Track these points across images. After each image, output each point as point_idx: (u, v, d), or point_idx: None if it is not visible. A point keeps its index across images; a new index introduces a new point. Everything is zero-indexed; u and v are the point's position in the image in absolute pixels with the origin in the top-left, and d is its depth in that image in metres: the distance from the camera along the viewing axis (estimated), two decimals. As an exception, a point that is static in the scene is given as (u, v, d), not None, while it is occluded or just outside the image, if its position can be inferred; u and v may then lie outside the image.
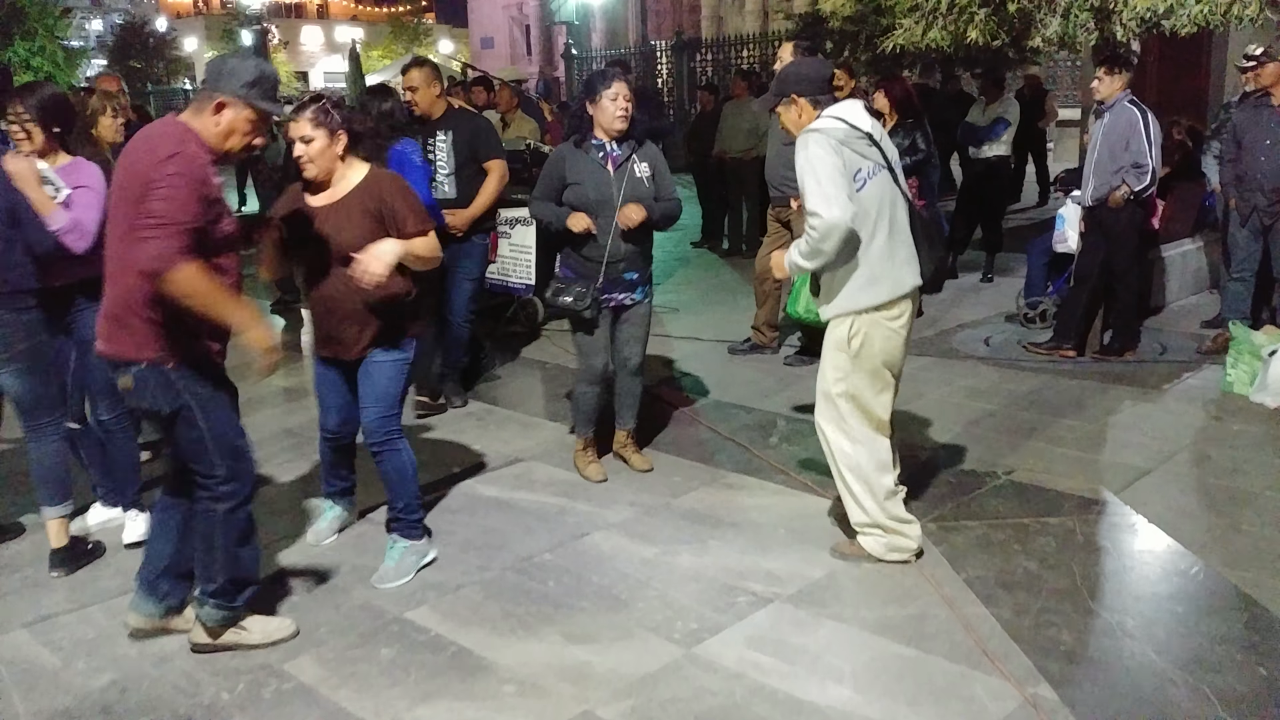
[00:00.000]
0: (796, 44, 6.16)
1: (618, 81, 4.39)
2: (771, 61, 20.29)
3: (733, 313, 8.00)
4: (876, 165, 3.60)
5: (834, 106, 3.65)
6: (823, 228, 3.43)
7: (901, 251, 3.66)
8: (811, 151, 3.49)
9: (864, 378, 3.69)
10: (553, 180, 4.52)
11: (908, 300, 3.69)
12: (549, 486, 4.71)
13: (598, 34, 32.47)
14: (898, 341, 3.71)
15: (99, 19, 56.54)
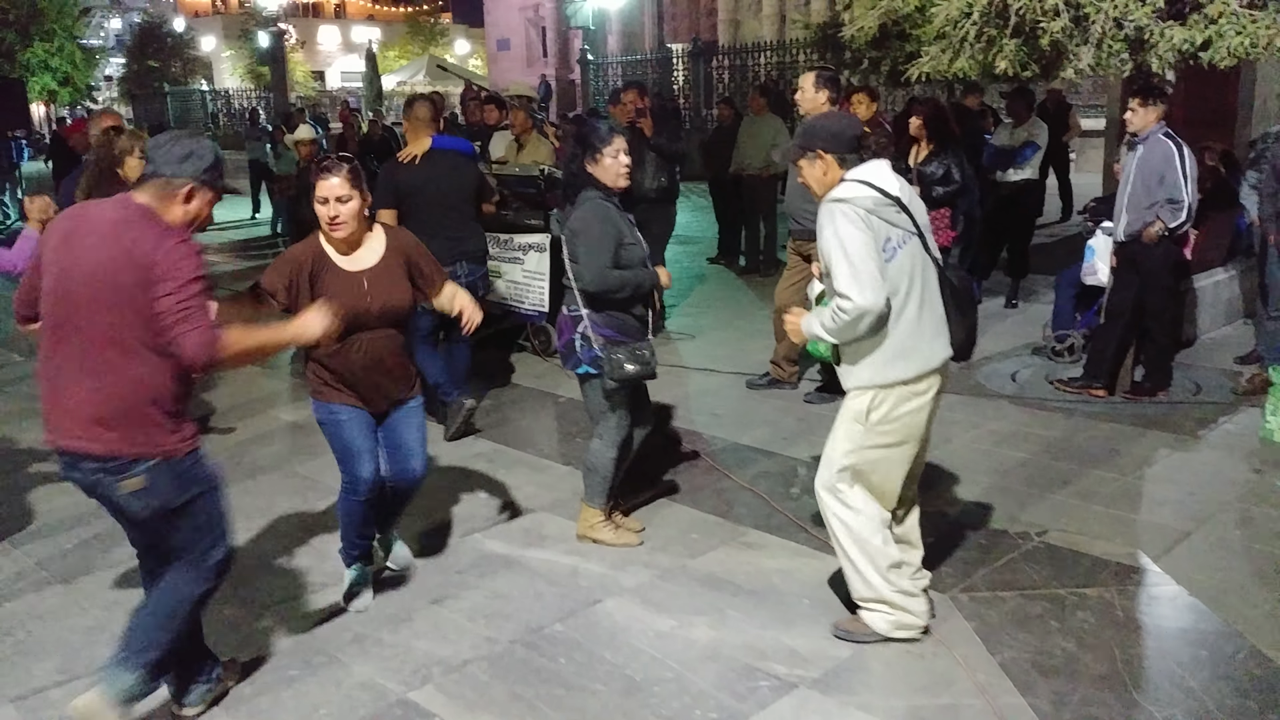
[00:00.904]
0: (819, 74, 5.97)
1: (617, 138, 4.20)
2: (789, 69, 20.16)
3: (750, 339, 7.82)
4: (906, 233, 3.40)
5: (861, 168, 3.45)
6: (854, 312, 3.25)
7: (931, 322, 3.46)
8: (841, 226, 3.30)
9: (879, 452, 3.49)
10: (613, 243, 4.16)
11: (937, 374, 3.50)
12: (560, 543, 4.53)
13: (614, 37, 32.32)
14: (923, 418, 3.51)
15: (118, 18, 56.64)
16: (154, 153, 2.95)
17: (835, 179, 3.48)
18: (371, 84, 44.44)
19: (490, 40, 42.14)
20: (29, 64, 31.90)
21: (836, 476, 3.54)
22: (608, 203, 4.22)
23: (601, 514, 4.48)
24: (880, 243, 3.31)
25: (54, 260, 2.92)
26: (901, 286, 3.36)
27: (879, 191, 3.36)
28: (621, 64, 25.26)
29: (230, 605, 4.07)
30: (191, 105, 35.52)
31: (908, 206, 3.43)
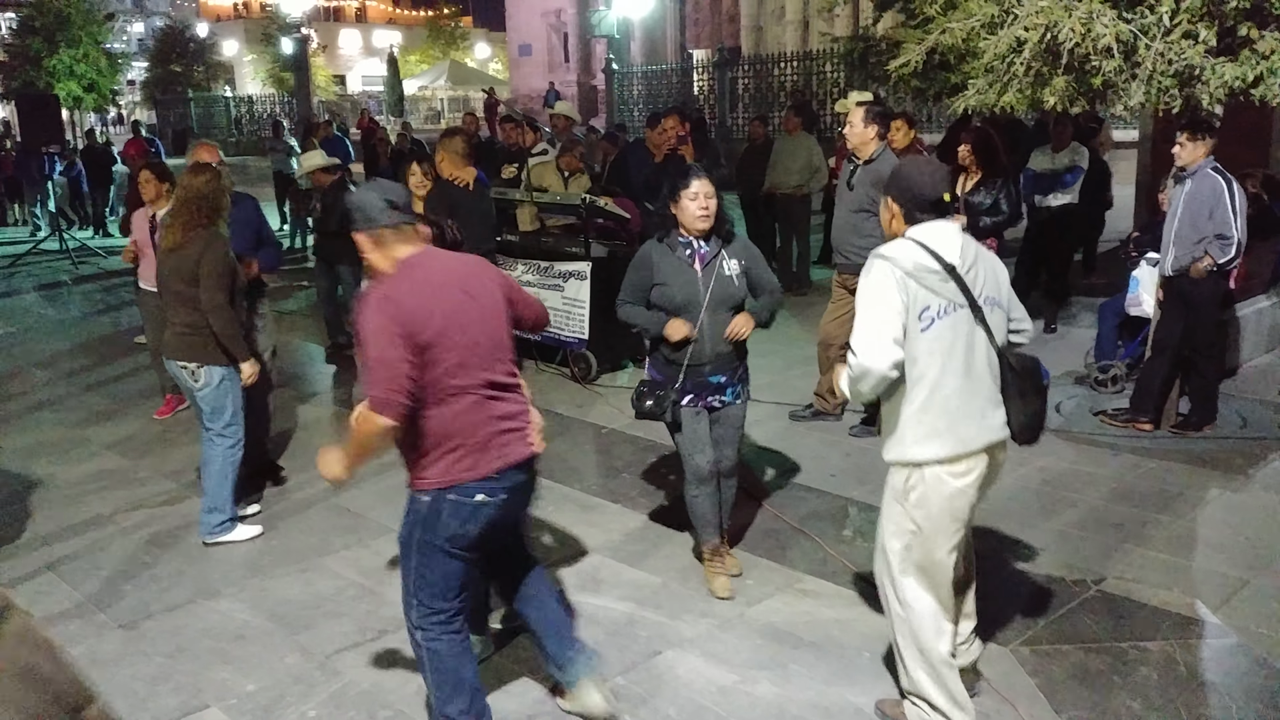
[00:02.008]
0: (868, 109, 5.97)
1: (697, 180, 4.20)
2: (815, 81, 20.13)
3: (789, 366, 7.81)
4: (952, 303, 3.19)
5: (923, 227, 3.28)
6: (858, 369, 3.16)
7: (976, 402, 3.23)
8: (873, 281, 3.18)
9: (922, 535, 3.30)
10: (641, 281, 4.30)
11: (980, 457, 3.28)
12: (616, 588, 4.54)
13: (636, 44, 32.33)
14: (964, 502, 3.28)
15: (140, 22, 57.05)
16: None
17: (898, 232, 3.38)
18: (393, 88, 44.77)
19: (512, 45, 42.24)
20: (55, 70, 32.14)
21: (888, 564, 3.39)
22: (659, 245, 4.32)
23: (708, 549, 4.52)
24: (916, 309, 3.14)
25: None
26: (937, 360, 3.18)
27: (932, 255, 3.19)
28: (645, 73, 25.27)
29: (292, 653, 4.11)
30: (215, 111, 35.75)
31: (963, 275, 3.22)
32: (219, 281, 4.90)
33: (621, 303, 4.40)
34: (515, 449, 3.22)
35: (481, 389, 3.14)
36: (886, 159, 6.08)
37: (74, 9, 32.93)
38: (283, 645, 4.19)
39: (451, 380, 3.08)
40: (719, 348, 4.27)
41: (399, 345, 2.98)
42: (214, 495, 5.13)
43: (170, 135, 34.73)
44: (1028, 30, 5.44)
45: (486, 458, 3.15)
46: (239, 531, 5.21)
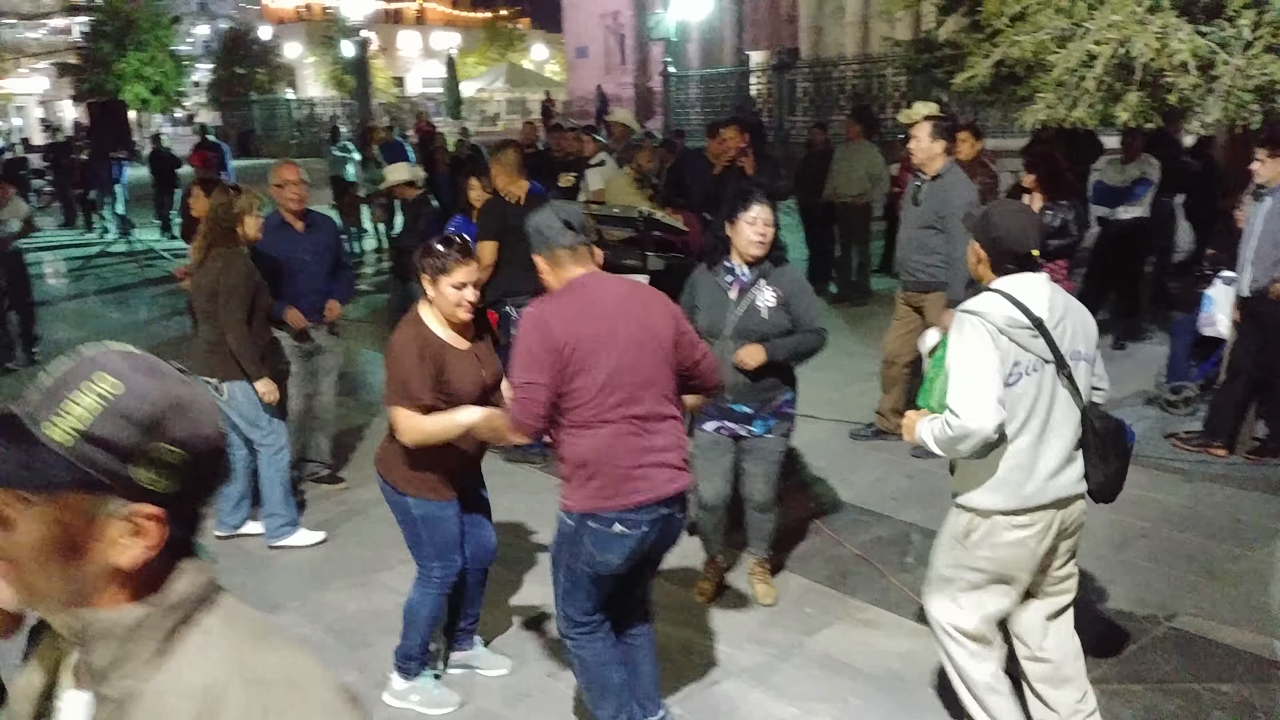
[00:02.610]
0: (935, 125, 5.85)
1: (758, 204, 4.14)
2: (876, 84, 19.87)
3: (849, 381, 7.70)
4: (1038, 360, 3.13)
5: (1012, 279, 3.19)
6: (960, 431, 3.03)
7: (1050, 459, 3.16)
8: (968, 339, 3.10)
9: (977, 577, 3.28)
10: (687, 306, 4.24)
11: (1048, 512, 3.20)
12: (672, 612, 4.49)
13: (693, 45, 32.25)
14: (1024, 554, 3.20)
15: (205, 24, 58.13)
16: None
17: (984, 277, 3.31)
18: (451, 91, 45.14)
19: (569, 47, 42.39)
20: (123, 74, 32.89)
21: (937, 594, 3.38)
22: (703, 273, 4.32)
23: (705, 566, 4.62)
24: (1006, 365, 3.09)
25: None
26: (1018, 415, 3.12)
27: (1021, 310, 3.12)
28: (702, 77, 25.19)
29: (350, 671, 4.12)
30: (277, 113, 36.31)
31: (1051, 330, 3.13)
32: (237, 300, 4.96)
33: None
34: (658, 484, 3.18)
35: (627, 420, 3.11)
36: (954, 175, 5.98)
37: (142, 13, 33.69)
38: (341, 662, 4.21)
39: (597, 406, 3.09)
40: (738, 377, 4.19)
41: (544, 368, 3.03)
42: (270, 501, 5.26)
43: (234, 137, 35.33)
44: (1100, 45, 5.32)
45: (627, 489, 3.13)
46: (300, 536, 5.31)
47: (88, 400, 1.11)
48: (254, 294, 5.05)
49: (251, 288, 5.04)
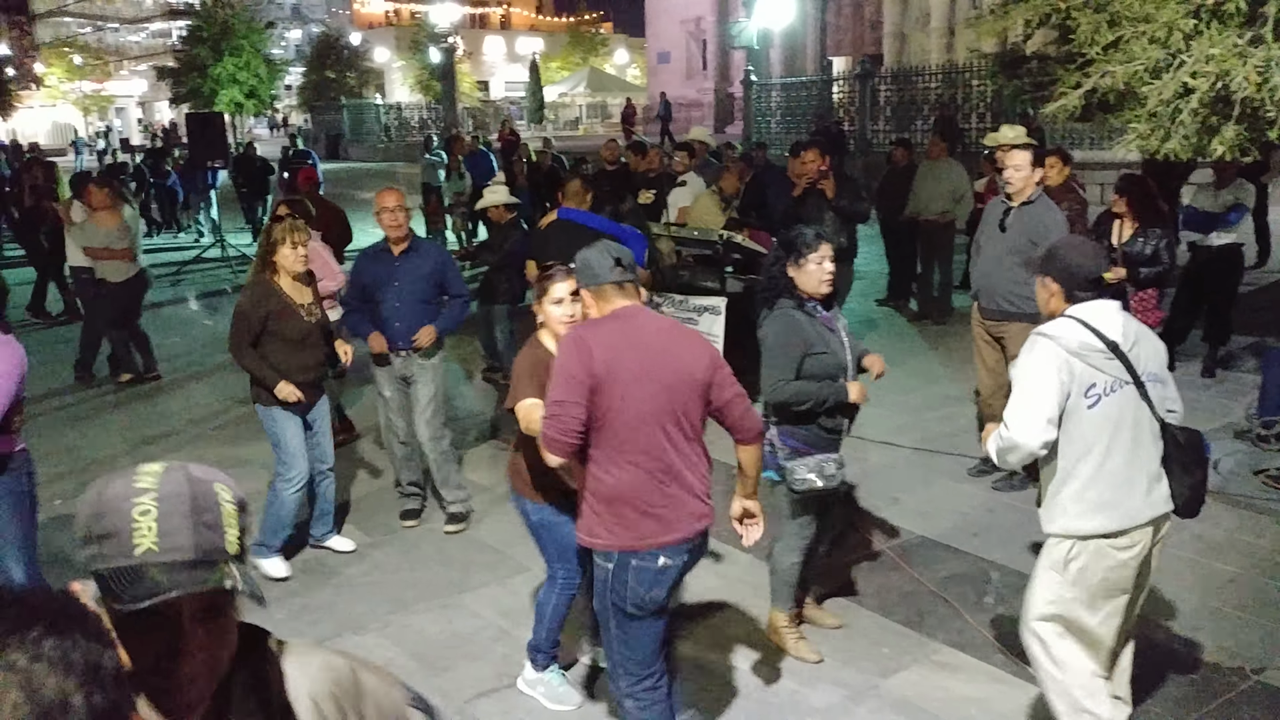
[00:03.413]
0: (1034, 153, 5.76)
1: (823, 245, 4.14)
2: (961, 95, 19.56)
3: (927, 405, 7.63)
4: (1117, 380, 3.27)
5: (1085, 306, 3.35)
6: (1008, 442, 3.29)
7: (1141, 477, 3.30)
8: (1035, 359, 3.29)
9: (1082, 605, 3.36)
10: (797, 353, 4.10)
11: (1146, 530, 3.33)
12: (744, 646, 4.53)
13: (776, 51, 32.10)
14: (1127, 574, 3.36)
15: (298, 29, 59.55)
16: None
17: (1057, 310, 3.44)
18: (534, 95, 45.62)
19: (651, 52, 42.52)
20: (218, 78, 33.88)
21: (1038, 625, 3.44)
22: (799, 312, 4.17)
23: (786, 617, 4.45)
24: (1081, 388, 3.23)
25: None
26: (1104, 436, 3.25)
27: (1095, 334, 3.27)
28: (784, 84, 25.07)
29: (431, 696, 4.22)
30: (366, 117, 37.05)
31: (1126, 352, 3.28)
32: (242, 324, 5.16)
33: (779, 383, 4.10)
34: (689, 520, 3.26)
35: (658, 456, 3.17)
36: (1044, 201, 5.94)
37: (237, 19, 34.67)
38: (423, 686, 4.23)
39: (631, 438, 3.15)
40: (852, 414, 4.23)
41: (579, 387, 3.09)
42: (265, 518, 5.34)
43: (324, 141, 36.15)
44: (1197, 78, 5.19)
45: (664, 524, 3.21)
46: (269, 563, 5.34)
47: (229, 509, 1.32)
48: (265, 320, 5.16)
49: (261, 315, 5.16)
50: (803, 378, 4.11)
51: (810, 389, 4.10)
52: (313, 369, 5.34)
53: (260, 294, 5.19)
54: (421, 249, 5.72)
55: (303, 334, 5.25)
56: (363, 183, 24.59)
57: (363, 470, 6.89)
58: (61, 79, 52.40)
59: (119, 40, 59.97)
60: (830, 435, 4.21)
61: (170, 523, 1.27)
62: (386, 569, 5.43)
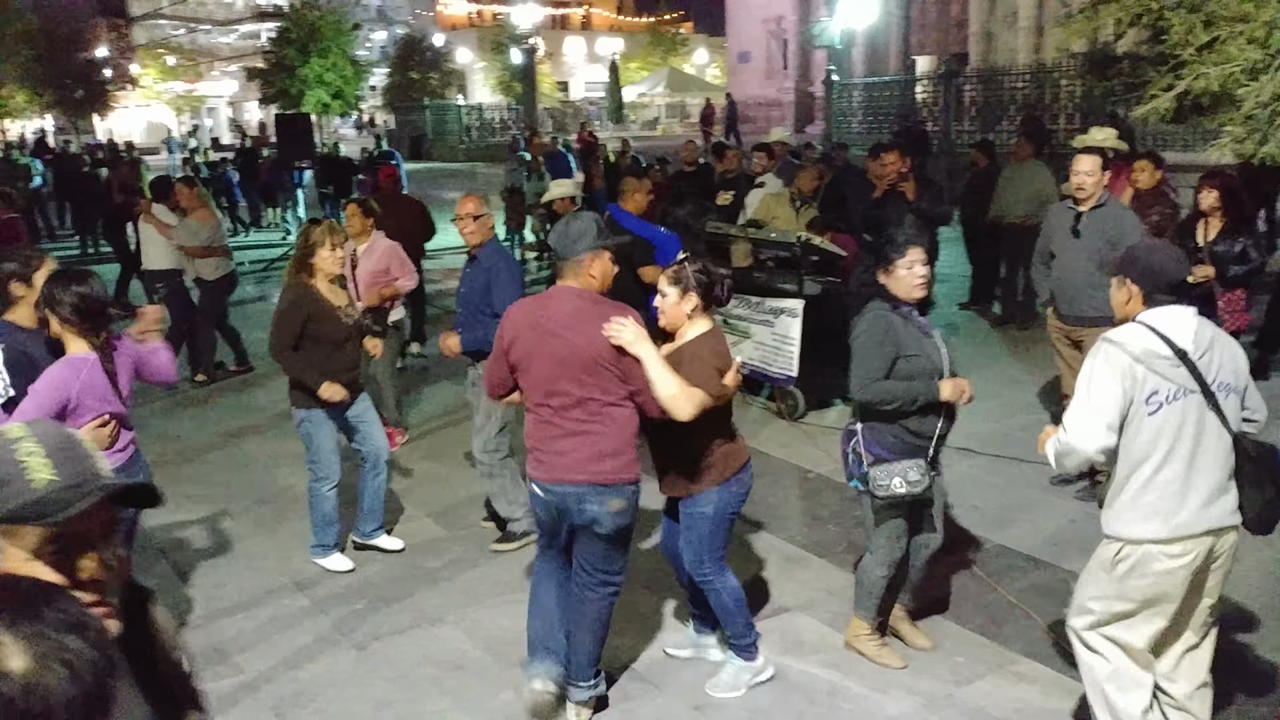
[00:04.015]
0: (1105, 156, 5.65)
1: (913, 248, 4.08)
2: (1049, 95, 19.14)
3: (1011, 412, 7.49)
4: (1182, 389, 3.22)
5: (1157, 312, 3.30)
6: (1065, 444, 3.29)
7: (1201, 487, 3.26)
8: (1098, 364, 3.28)
9: (1125, 606, 3.37)
10: (887, 354, 4.05)
11: (1201, 540, 3.27)
12: (818, 652, 4.51)
13: (858, 50, 31.75)
14: (1176, 581, 3.29)
15: (383, 30, 60.61)
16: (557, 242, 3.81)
17: (1134, 313, 3.39)
18: (613, 95, 45.82)
19: (731, 52, 42.39)
20: (305, 79, 34.63)
21: (1084, 622, 3.47)
22: (893, 314, 4.12)
23: (869, 626, 4.40)
24: (1142, 394, 3.21)
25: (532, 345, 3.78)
26: (1163, 444, 3.23)
27: (1163, 340, 3.23)
28: (866, 84, 24.81)
29: (505, 690, 4.29)
30: (448, 118, 37.56)
31: (1195, 361, 3.23)
32: (282, 327, 5.22)
33: (866, 383, 4.06)
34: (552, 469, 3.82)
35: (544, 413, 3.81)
36: (1114, 203, 5.98)
37: (325, 21, 35.39)
38: (497, 681, 4.38)
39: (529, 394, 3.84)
40: (953, 417, 4.18)
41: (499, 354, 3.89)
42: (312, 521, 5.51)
43: (407, 142, 36.73)
44: (1296, 79, 5.02)
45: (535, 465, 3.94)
46: (330, 560, 5.46)
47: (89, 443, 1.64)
48: (304, 322, 5.20)
49: (300, 317, 5.20)
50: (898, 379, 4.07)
51: (899, 387, 4.04)
52: (352, 369, 5.41)
53: (299, 297, 5.23)
54: (483, 259, 5.52)
55: (342, 335, 5.32)
56: (443, 183, 24.96)
57: (445, 465, 7.01)
58: (156, 80, 54.03)
59: (211, 42, 61.64)
60: (916, 440, 4.12)
61: (58, 456, 1.52)
62: (463, 563, 5.52)
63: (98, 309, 3.76)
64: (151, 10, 55.50)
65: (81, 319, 3.74)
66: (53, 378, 3.69)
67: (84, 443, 1.60)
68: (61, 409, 3.65)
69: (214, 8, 62.00)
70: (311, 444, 5.36)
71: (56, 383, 3.67)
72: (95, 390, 3.72)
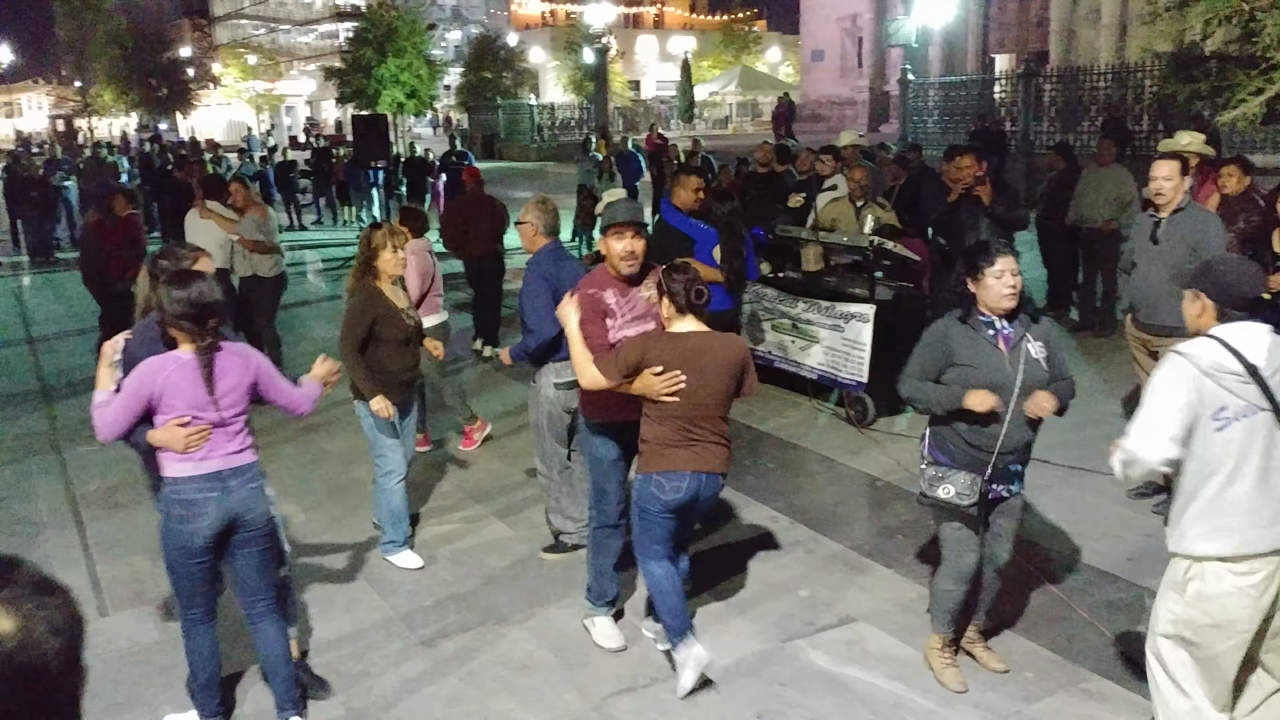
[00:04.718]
0: (1185, 162, 5.51)
1: (1002, 256, 3.99)
2: (1132, 96, 18.68)
3: (1085, 422, 7.27)
4: (1251, 406, 3.16)
5: (1231, 326, 3.25)
6: (1129, 455, 3.27)
7: (1271, 507, 3.20)
8: (1163, 374, 3.26)
9: (1197, 631, 3.30)
10: (934, 361, 4.08)
11: (1270, 560, 3.20)
12: (883, 663, 4.47)
13: (935, 48, 31.36)
14: (1247, 601, 3.22)
15: (458, 30, 61.33)
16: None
17: (1206, 327, 3.33)
18: (684, 94, 45.80)
19: (804, 50, 42.09)
20: (381, 79, 35.15)
21: (1159, 641, 3.42)
22: (956, 323, 4.08)
23: (941, 640, 4.34)
24: (1210, 409, 3.17)
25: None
26: (1230, 460, 3.18)
27: (1234, 356, 3.17)
28: (942, 84, 24.45)
29: (570, 691, 4.33)
30: (520, 117, 37.88)
31: (1267, 379, 3.17)
32: (349, 327, 5.33)
33: (906, 378, 4.18)
34: None
35: None
36: (1194, 208, 5.87)
37: (401, 21, 35.88)
38: (562, 682, 4.42)
39: None
40: (1025, 436, 4.07)
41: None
42: (379, 518, 5.62)
43: (480, 141, 37.10)
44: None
45: None
46: (399, 557, 5.55)
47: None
48: (372, 324, 5.31)
49: (369, 319, 5.31)
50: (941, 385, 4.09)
51: (920, 389, 4.12)
52: (413, 369, 5.55)
53: (368, 299, 5.36)
54: (531, 267, 5.44)
55: (405, 336, 5.43)
56: (515, 182, 25.20)
57: (514, 466, 7.07)
58: (237, 79, 55.31)
59: (290, 41, 62.95)
60: (974, 452, 4.06)
61: None
62: (529, 564, 5.57)
63: (202, 312, 3.70)
64: (234, 10, 56.85)
65: (184, 320, 3.70)
66: (138, 374, 3.75)
67: None
68: (146, 405, 3.72)
69: (293, 8, 63.31)
70: (375, 439, 5.48)
71: (140, 379, 3.72)
72: (180, 391, 3.71)
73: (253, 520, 3.88)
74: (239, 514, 3.83)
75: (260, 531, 3.93)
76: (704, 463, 4.18)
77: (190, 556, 3.81)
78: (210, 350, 3.73)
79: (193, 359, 3.73)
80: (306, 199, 21.73)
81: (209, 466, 3.77)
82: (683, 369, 4.06)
